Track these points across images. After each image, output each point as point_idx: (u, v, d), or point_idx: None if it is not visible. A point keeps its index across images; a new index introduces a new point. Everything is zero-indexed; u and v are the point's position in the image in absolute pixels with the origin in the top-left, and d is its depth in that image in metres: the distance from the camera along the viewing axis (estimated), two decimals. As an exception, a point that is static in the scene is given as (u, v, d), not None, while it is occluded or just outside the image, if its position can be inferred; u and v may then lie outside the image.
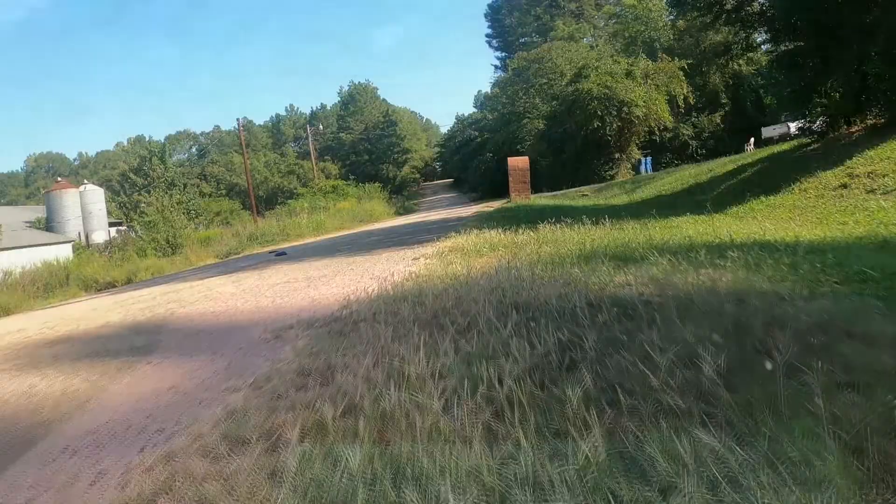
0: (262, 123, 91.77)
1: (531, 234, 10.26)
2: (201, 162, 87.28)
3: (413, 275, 7.24)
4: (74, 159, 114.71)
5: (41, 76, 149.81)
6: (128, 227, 48.07)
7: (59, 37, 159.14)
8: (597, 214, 16.91)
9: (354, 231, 30.63)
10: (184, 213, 59.04)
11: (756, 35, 22.42)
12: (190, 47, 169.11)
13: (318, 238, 30.69)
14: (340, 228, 36.75)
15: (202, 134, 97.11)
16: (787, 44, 20.43)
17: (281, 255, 18.36)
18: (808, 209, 13.28)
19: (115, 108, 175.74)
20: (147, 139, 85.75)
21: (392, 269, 9.01)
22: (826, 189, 14.01)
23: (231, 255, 31.77)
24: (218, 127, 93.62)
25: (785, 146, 22.60)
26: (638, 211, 17.56)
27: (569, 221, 12.21)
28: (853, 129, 19.07)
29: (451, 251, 9.51)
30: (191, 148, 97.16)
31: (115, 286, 27.69)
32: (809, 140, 20.87)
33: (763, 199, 15.28)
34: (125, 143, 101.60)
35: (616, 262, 6.25)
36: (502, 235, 10.40)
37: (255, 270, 14.01)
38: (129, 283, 26.76)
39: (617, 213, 17.59)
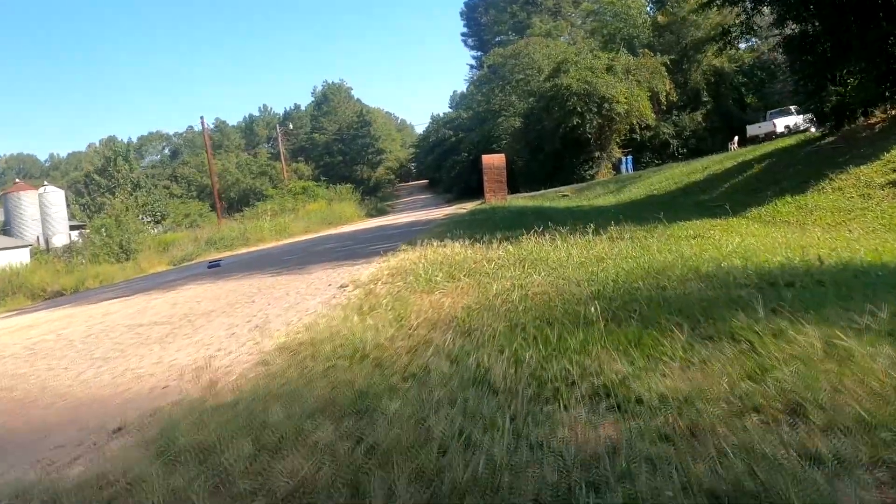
0: (235, 124, 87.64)
1: (509, 248, 7.11)
2: (174, 163, 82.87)
3: (295, 345, 4.00)
4: (45, 160, 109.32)
5: (12, 76, 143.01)
6: (80, 231, 43.94)
7: (28, 35, 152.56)
8: (586, 218, 13.84)
9: (316, 235, 27.32)
10: (149, 216, 55.38)
11: (757, 17, 19.51)
12: (163, 46, 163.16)
13: (277, 243, 27.34)
14: (306, 231, 33.44)
15: (175, 135, 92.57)
16: (797, 25, 17.58)
17: (214, 267, 15.02)
18: (856, 211, 10.35)
19: (88, 108, 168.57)
20: (119, 140, 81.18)
21: (301, 306, 5.79)
22: (870, 188, 11.10)
23: (184, 262, 28.30)
24: (191, 127, 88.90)
25: (789, 141, 19.80)
26: (634, 213, 14.50)
27: (557, 228, 9.25)
28: (872, 120, 16.29)
29: (393, 276, 6.30)
30: (163, 149, 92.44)
31: (63, 294, 24.77)
32: (819, 133, 18.09)
33: (789, 199, 12.36)
34: (97, 144, 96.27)
35: (678, 321, 3.08)
36: (469, 251, 7.20)
37: (164, 291, 10.67)
38: (78, 291, 23.93)
39: (610, 217, 14.50)
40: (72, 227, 50.39)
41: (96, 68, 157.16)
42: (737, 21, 20.20)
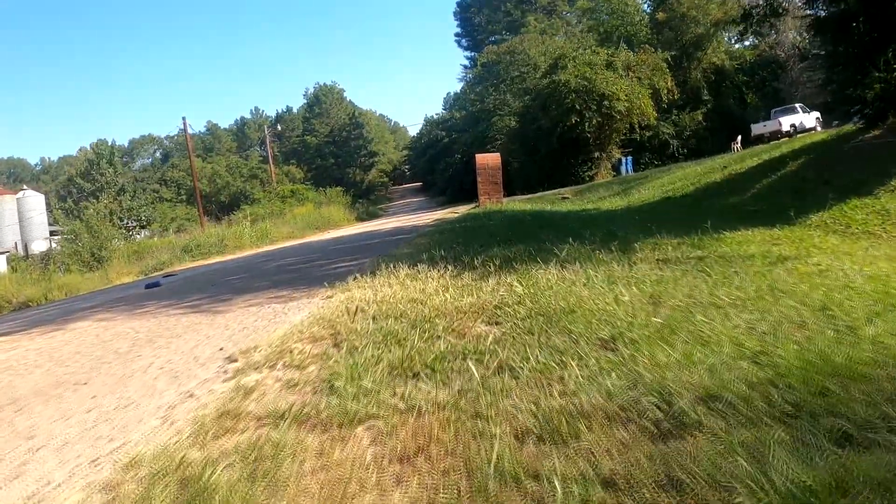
0: (227, 127, 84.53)
1: (515, 284, 4.38)
2: (164, 167, 79.78)
3: None
4: (36, 164, 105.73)
5: (3, 79, 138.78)
6: (50, 238, 40.96)
7: (18, 38, 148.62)
8: (598, 225, 11.14)
9: (296, 242, 24.56)
10: (135, 221, 52.38)
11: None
12: (155, 49, 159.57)
13: (253, 251, 24.57)
14: (289, 237, 30.67)
15: (167, 138, 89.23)
16: (832, 4, 15.00)
17: (152, 287, 12.20)
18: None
19: (80, 112, 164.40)
20: (110, 143, 77.95)
21: (123, 420, 3.00)
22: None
23: (156, 272, 25.45)
24: (182, 130, 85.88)
25: (821, 135, 17.17)
26: (656, 220, 11.79)
27: (567, 241, 6.65)
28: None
29: (315, 342, 3.55)
30: (155, 152, 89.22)
31: (29, 306, 22.02)
32: (856, 126, 15.47)
33: (856, 202, 9.75)
34: (88, 148, 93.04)
35: None
36: (450, 289, 4.44)
37: (49, 329, 7.85)
38: (46, 302, 21.24)
39: (629, 224, 11.77)
40: (53, 234, 47.60)
41: (88, 72, 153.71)
42: (758, 3, 17.60)
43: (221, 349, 4.09)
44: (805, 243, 7.60)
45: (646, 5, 45.71)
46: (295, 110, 77.76)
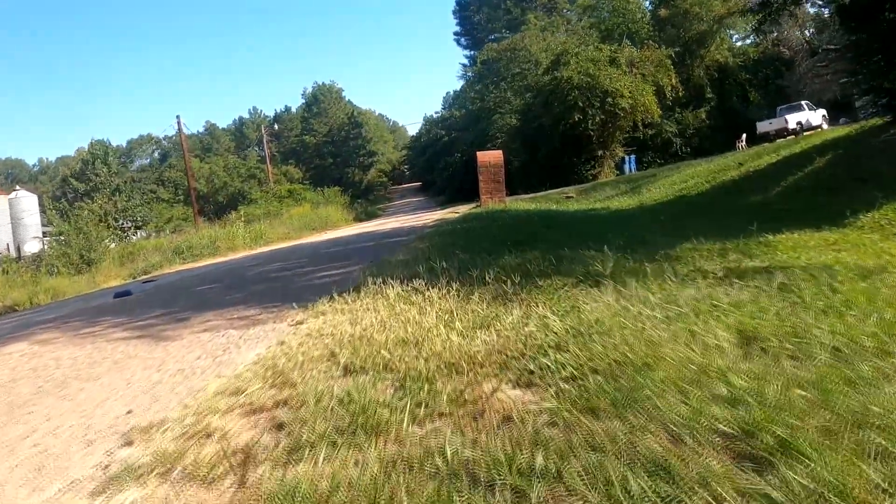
0: (225, 127, 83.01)
1: (549, 316, 3.09)
2: (162, 167, 78.30)
3: None
4: (34, 165, 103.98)
5: (1, 80, 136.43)
6: (43, 239, 39.55)
7: (15, 37, 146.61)
8: (615, 227, 9.89)
9: (290, 244, 23.28)
10: (130, 221, 50.96)
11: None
12: (154, 49, 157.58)
13: (245, 253, 23.31)
14: (285, 238, 29.36)
15: (165, 138, 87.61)
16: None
17: (122, 297, 10.91)
18: None
19: (79, 112, 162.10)
20: (107, 144, 76.47)
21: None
22: None
23: (144, 275, 24.13)
24: (178, 130, 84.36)
25: (843, 130, 15.94)
26: (678, 221, 10.55)
27: (601, 250, 5.51)
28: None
29: (251, 419, 2.29)
30: (153, 152, 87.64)
31: (16, 309, 20.70)
32: (883, 120, 14.23)
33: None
34: (85, 149, 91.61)
35: None
36: (456, 323, 3.15)
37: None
38: (31, 306, 19.92)
39: (651, 225, 10.51)
40: (46, 235, 46.34)
41: (87, 72, 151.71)
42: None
43: (130, 412, 2.82)
44: (869, 249, 6.37)
45: (647, 2, 44.42)
46: (294, 110, 76.38)
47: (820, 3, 15.99)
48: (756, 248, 6.40)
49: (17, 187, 48.61)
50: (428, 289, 4.34)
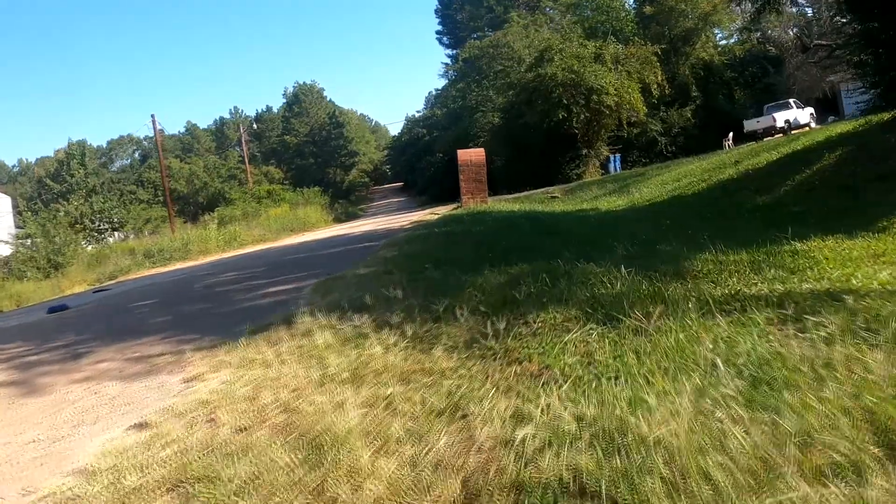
0: (206, 127, 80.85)
1: (549, 386, 1.79)
2: (142, 167, 76.07)
3: None
4: (14, 166, 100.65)
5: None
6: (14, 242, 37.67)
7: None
8: (607, 230, 8.64)
9: (260, 248, 21.94)
10: (106, 223, 48.98)
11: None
12: (134, 48, 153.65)
13: (216, 257, 21.87)
14: (260, 240, 27.93)
15: (146, 138, 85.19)
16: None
17: (56, 311, 9.44)
18: None
19: (59, 112, 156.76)
20: (85, 144, 74.04)
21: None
22: None
23: (109, 280, 22.57)
24: (162, 130, 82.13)
25: (849, 125, 14.87)
26: (678, 224, 9.32)
27: (607, 265, 4.19)
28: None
29: None
30: (134, 153, 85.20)
31: None
32: (892, 115, 13.13)
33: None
34: (65, 149, 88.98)
35: None
36: (405, 405, 1.85)
37: None
38: None
39: (643, 229, 9.28)
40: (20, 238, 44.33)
41: (68, 71, 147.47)
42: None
43: None
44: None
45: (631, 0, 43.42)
46: (275, 110, 74.50)
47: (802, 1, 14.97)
48: (792, 261, 5.17)
49: (-13, 189, 46.64)
50: (377, 328, 3.02)
